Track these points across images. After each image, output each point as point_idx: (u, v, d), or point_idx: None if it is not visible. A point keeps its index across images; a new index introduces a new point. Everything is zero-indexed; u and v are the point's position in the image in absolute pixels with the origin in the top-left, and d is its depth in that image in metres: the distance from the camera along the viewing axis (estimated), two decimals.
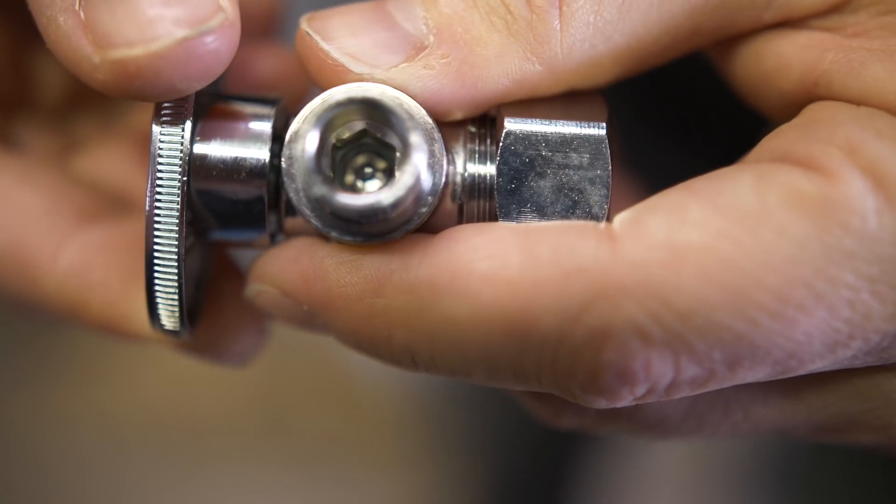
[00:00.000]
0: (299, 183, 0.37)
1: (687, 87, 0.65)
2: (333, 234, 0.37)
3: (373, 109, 0.37)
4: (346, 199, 0.36)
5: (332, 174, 0.38)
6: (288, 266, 0.39)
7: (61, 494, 1.04)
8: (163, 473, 1.05)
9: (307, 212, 0.38)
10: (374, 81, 0.38)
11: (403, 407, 1.09)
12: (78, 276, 0.43)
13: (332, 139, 0.37)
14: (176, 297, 0.38)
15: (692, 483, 0.96)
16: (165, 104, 0.38)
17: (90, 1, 0.36)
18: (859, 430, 0.41)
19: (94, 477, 1.04)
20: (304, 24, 0.39)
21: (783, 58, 0.39)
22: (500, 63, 0.38)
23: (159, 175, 0.38)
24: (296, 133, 0.37)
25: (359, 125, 0.37)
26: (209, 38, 0.36)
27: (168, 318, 0.39)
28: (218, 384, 1.07)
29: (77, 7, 0.36)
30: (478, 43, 0.38)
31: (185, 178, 0.38)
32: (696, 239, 0.34)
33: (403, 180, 0.36)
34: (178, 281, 0.38)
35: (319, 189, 0.36)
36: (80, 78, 0.37)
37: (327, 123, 0.37)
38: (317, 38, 0.38)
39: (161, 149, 0.38)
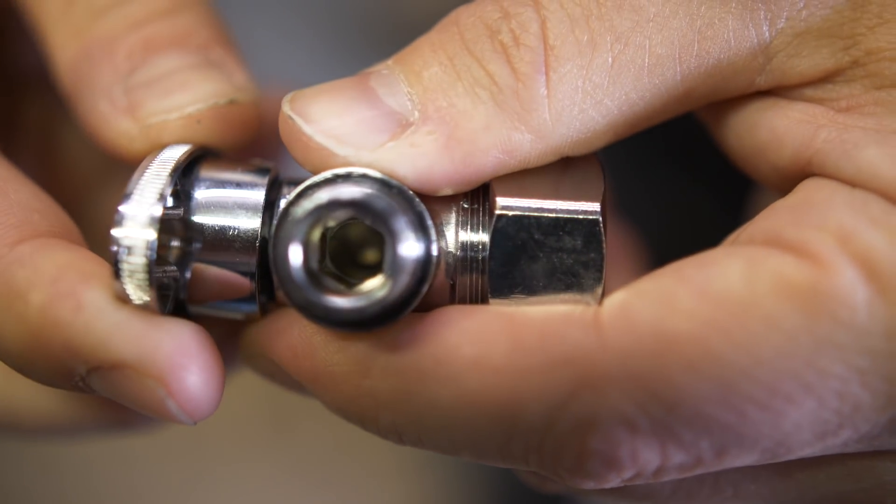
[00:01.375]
0: (285, 286, 0.36)
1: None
2: (322, 325, 0.37)
3: (357, 208, 0.36)
4: (331, 303, 0.35)
5: (321, 264, 0.37)
6: (278, 338, 0.39)
7: (65, 498, 1.04)
8: (166, 478, 1.05)
9: (294, 306, 0.37)
10: (359, 164, 0.37)
11: None
12: (31, 261, 0.37)
13: (320, 229, 0.37)
14: (144, 266, 0.36)
15: None
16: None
17: (133, 89, 0.41)
18: None
19: (98, 480, 1.04)
20: (287, 108, 0.38)
21: (776, 132, 0.39)
22: (487, 135, 0.37)
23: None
24: (281, 234, 0.36)
25: (346, 213, 0.36)
26: (237, 108, 0.41)
27: (135, 289, 0.37)
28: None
29: (119, 94, 0.41)
30: (463, 116, 0.37)
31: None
32: (684, 328, 0.34)
33: (390, 284, 0.35)
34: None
35: (303, 295, 0.35)
36: (118, 152, 0.41)
37: (312, 222, 0.36)
38: (300, 122, 0.38)
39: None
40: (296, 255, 0.36)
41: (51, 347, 0.36)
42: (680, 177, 0.71)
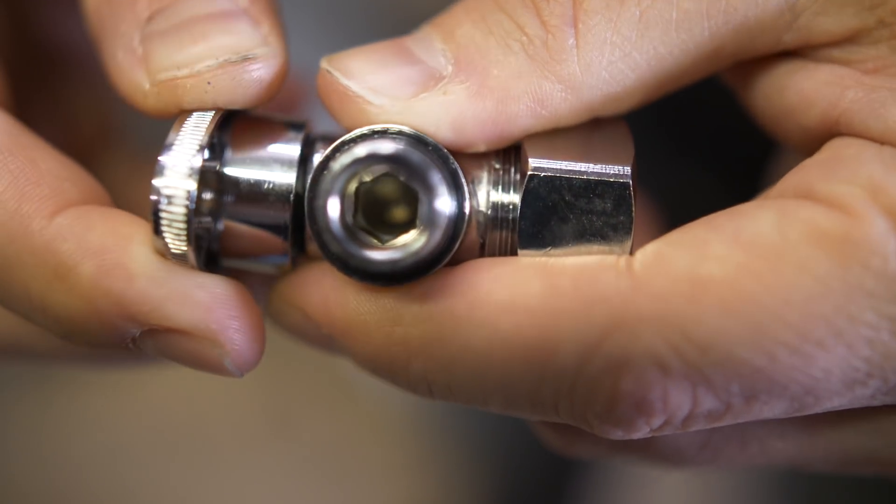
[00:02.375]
0: (321, 236, 0.37)
1: (702, 103, 0.65)
2: (355, 278, 0.37)
3: (395, 162, 0.36)
4: (366, 255, 0.36)
5: (355, 216, 0.37)
6: (309, 290, 0.39)
7: (65, 497, 1.03)
8: (166, 476, 1.05)
9: (328, 258, 0.38)
10: (394, 113, 0.38)
11: (409, 411, 1.09)
12: (74, 236, 0.38)
13: (356, 182, 0.37)
14: (183, 215, 0.37)
15: (698, 492, 0.96)
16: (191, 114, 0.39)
17: (148, 38, 0.39)
18: (876, 465, 0.41)
19: (98, 479, 1.04)
20: (325, 64, 0.39)
21: (805, 94, 0.39)
22: (519, 83, 0.38)
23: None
24: (317, 188, 0.37)
25: (382, 168, 0.37)
26: (253, 66, 0.39)
27: (174, 239, 0.37)
28: (222, 387, 1.07)
29: (136, 43, 0.39)
30: (495, 66, 0.38)
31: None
32: (717, 272, 0.35)
33: (425, 237, 0.36)
34: (187, 200, 0.37)
35: (338, 246, 0.36)
36: (135, 106, 0.40)
37: (349, 177, 0.36)
38: (337, 74, 0.38)
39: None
40: (334, 207, 0.36)
41: (105, 317, 0.37)
42: (680, 160, 0.72)
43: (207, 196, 0.38)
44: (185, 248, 0.37)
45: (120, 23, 0.40)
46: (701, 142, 0.73)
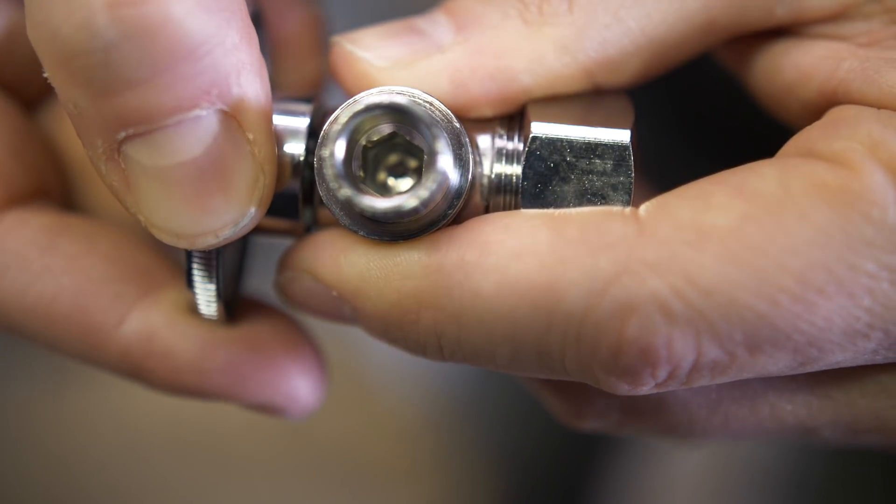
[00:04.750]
0: (328, 184, 0.37)
1: (700, 95, 0.66)
2: (362, 232, 0.38)
3: (399, 114, 0.37)
4: (371, 201, 0.36)
5: (362, 174, 0.38)
6: (319, 253, 0.40)
7: (76, 495, 1.04)
8: (177, 476, 1.05)
9: (336, 210, 0.39)
10: (396, 74, 0.39)
11: (422, 417, 1.09)
12: (141, 343, 0.43)
13: (363, 141, 0.38)
14: (213, 281, 0.40)
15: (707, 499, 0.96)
16: None
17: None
18: (885, 429, 0.41)
19: (111, 480, 1.04)
20: (336, 38, 0.41)
21: (802, 69, 0.41)
22: (515, 42, 0.40)
23: None
24: (325, 136, 0.38)
25: (388, 128, 0.38)
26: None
27: (205, 304, 0.41)
28: None
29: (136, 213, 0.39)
30: (494, 30, 0.40)
31: None
32: (721, 221, 0.35)
33: (428, 184, 0.36)
34: (214, 264, 0.40)
35: (345, 191, 0.36)
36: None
37: (355, 128, 0.37)
38: (346, 43, 0.41)
39: None
40: (340, 151, 0.37)
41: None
42: (683, 147, 0.72)
43: None
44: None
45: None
46: (704, 135, 0.74)
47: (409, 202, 0.36)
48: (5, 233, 0.43)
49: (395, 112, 0.37)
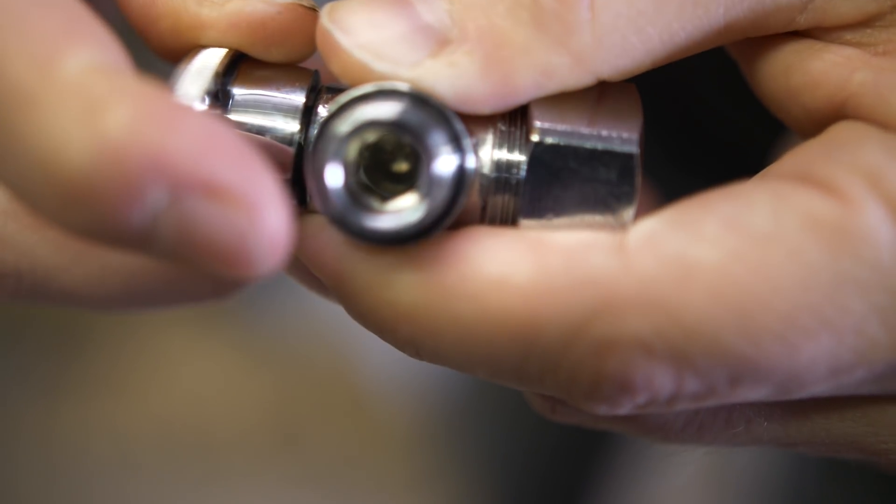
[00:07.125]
0: (321, 203, 0.37)
1: (693, 106, 0.65)
2: (352, 238, 0.37)
3: (397, 127, 0.36)
4: (365, 220, 0.36)
5: (355, 175, 0.37)
6: (307, 241, 0.39)
7: None
8: (174, 488, 1.04)
9: (328, 218, 0.38)
10: (398, 80, 0.37)
11: (416, 425, 1.09)
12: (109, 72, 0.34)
13: (358, 143, 0.37)
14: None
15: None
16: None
17: None
18: (859, 451, 0.41)
19: (106, 490, 1.04)
20: (325, 19, 0.38)
21: (812, 75, 0.39)
22: (527, 57, 0.37)
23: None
24: (317, 150, 0.37)
25: (386, 132, 0.37)
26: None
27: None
28: (230, 399, 1.07)
29: None
30: (503, 37, 0.37)
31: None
32: (709, 257, 0.34)
33: (423, 207, 0.36)
34: None
35: (339, 213, 0.36)
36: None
37: (350, 141, 0.36)
38: (337, 33, 0.38)
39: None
40: (335, 173, 0.36)
41: (131, 174, 0.31)
42: (675, 170, 0.72)
43: None
44: None
45: None
46: (692, 147, 0.73)
47: (402, 226, 0.36)
48: None
49: (393, 125, 0.37)
